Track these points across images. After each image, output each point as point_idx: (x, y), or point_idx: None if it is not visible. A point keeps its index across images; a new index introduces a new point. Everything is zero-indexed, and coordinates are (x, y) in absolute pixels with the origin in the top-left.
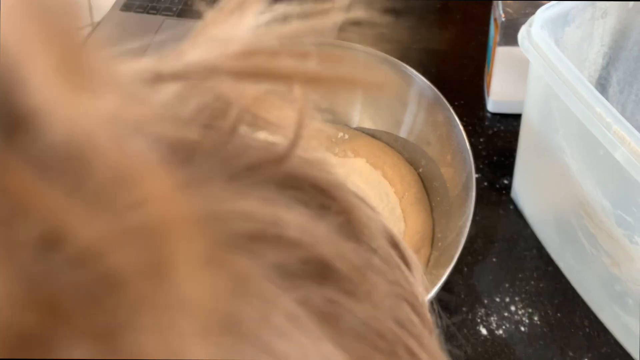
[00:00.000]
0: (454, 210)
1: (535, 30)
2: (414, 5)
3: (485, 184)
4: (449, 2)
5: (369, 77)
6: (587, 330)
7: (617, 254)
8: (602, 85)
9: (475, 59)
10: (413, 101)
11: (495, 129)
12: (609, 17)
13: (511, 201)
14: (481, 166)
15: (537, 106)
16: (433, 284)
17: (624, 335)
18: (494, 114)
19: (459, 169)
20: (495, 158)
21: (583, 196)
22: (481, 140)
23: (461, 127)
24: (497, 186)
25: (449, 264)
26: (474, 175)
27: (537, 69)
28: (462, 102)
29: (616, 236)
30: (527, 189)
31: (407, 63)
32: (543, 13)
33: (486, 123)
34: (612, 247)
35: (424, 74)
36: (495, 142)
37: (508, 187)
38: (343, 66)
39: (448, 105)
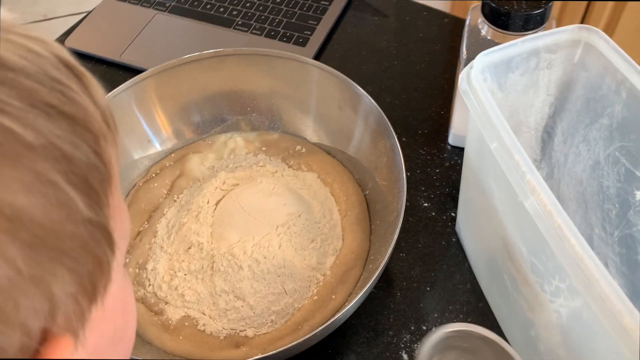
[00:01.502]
0: (387, 235)
1: (474, 73)
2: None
3: (433, 214)
4: (431, 31)
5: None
6: None
7: (531, 299)
8: (548, 133)
9: (446, 91)
10: (360, 123)
11: (452, 162)
12: (554, 68)
13: (455, 234)
14: (432, 196)
15: (474, 146)
16: (356, 304)
17: None
18: (454, 147)
19: (397, 196)
20: (447, 190)
21: (506, 238)
22: (437, 171)
23: (401, 157)
24: (444, 217)
25: (365, 286)
26: (404, 205)
27: (472, 109)
28: (425, 131)
29: (530, 282)
30: (466, 223)
31: (379, 87)
32: (484, 57)
33: (445, 155)
34: (528, 291)
35: (394, 98)
36: (451, 175)
37: (454, 220)
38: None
39: (393, 132)
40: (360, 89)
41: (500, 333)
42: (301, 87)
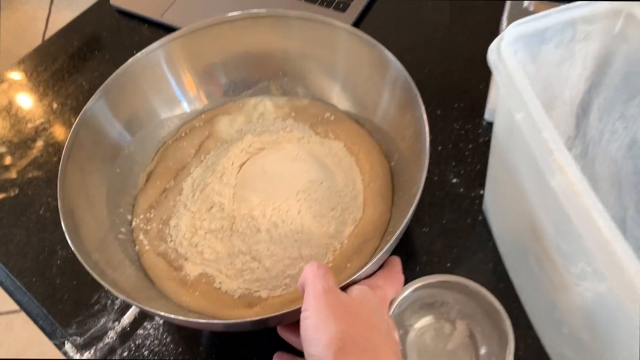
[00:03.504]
0: (407, 209)
1: (504, 45)
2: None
3: (462, 190)
4: (477, 2)
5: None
6: (520, 353)
7: (557, 281)
8: (584, 109)
9: (487, 64)
10: (388, 91)
11: (486, 138)
12: (592, 40)
13: (482, 212)
14: (462, 172)
15: (503, 122)
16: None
17: None
18: (490, 123)
19: (420, 169)
20: (478, 167)
21: (534, 219)
22: (470, 146)
23: (427, 128)
24: (473, 194)
25: (379, 254)
26: (423, 178)
27: (501, 83)
28: (462, 104)
29: (557, 263)
30: (494, 202)
31: (418, 57)
32: (516, 28)
33: (480, 130)
34: (554, 273)
35: (433, 69)
36: (484, 152)
37: (482, 198)
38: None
39: (420, 101)
40: (390, 54)
41: (524, 314)
42: (332, 52)
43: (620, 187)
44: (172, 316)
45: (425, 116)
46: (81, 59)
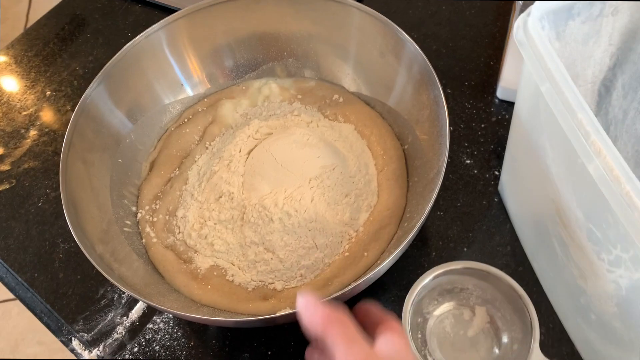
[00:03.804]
0: (426, 193)
1: (532, 21)
2: None
3: (476, 171)
4: None
5: None
6: (542, 337)
7: (585, 267)
8: (606, 87)
9: (497, 40)
10: (403, 72)
11: (499, 117)
12: (620, 14)
13: (497, 194)
14: (475, 152)
15: (527, 102)
16: (389, 263)
17: (584, 347)
18: (502, 101)
19: (438, 152)
20: (492, 147)
21: (560, 203)
22: (482, 126)
23: (445, 110)
24: (487, 175)
25: (401, 245)
26: (445, 162)
27: (529, 61)
28: (472, 82)
29: (586, 250)
30: (512, 184)
31: (425, 33)
32: (543, 3)
33: (492, 109)
34: (581, 259)
35: (440, 46)
36: (497, 131)
37: (497, 179)
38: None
39: (438, 83)
40: (404, 34)
41: (545, 299)
42: (341, 31)
43: None
44: (183, 314)
45: (443, 98)
46: (73, 43)
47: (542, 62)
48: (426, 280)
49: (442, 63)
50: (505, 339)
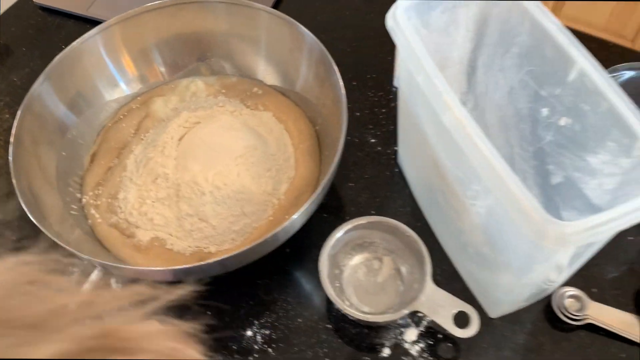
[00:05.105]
0: (332, 165)
1: (399, 12)
2: None
3: (379, 148)
4: None
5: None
6: (439, 278)
7: (458, 207)
8: (472, 67)
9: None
10: (306, 62)
11: (396, 102)
12: (471, 6)
13: (397, 165)
14: (378, 133)
15: (404, 79)
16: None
17: (469, 279)
18: (398, 89)
19: (340, 130)
20: (391, 127)
21: (435, 158)
22: (383, 111)
23: (343, 92)
24: (389, 151)
25: (310, 199)
26: (343, 138)
27: (398, 44)
28: (374, 75)
29: (456, 192)
30: (406, 154)
31: (332, 36)
32: None
33: (390, 96)
34: (456, 202)
35: (346, 46)
36: (395, 114)
37: (397, 153)
38: None
39: (335, 68)
40: (305, 29)
41: (439, 246)
42: (255, 32)
43: (507, 130)
44: (138, 268)
45: (341, 81)
46: (10, 57)
47: (407, 41)
48: (338, 234)
49: (348, 60)
50: (407, 280)
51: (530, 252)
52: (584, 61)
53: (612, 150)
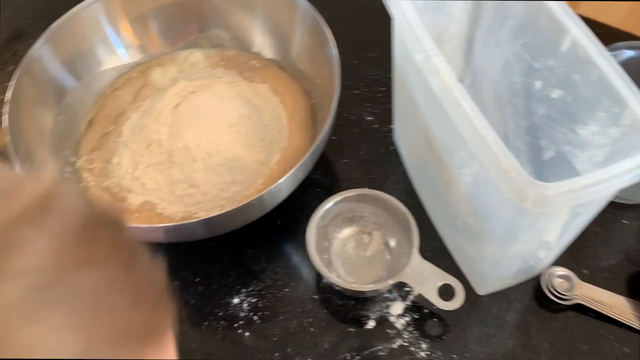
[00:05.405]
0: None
1: None
2: None
3: (376, 126)
4: None
5: None
6: (429, 254)
7: (447, 177)
8: (469, 42)
9: None
10: (305, 36)
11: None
12: None
13: (393, 143)
14: (375, 111)
15: (399, 51)
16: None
17: (458, 254)
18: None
19: (333, 101)
20: (388, 106)
21: (427, 130)
22: (382, 89)
23: (336, 53)
24: (385, 129)
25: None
26: (334, 112)
27: (394, 16)
28: (375, 54)
29: (445, 162)
30: (401, 130)
31: (336, 15)
32: None
33: (389, 75)
34: (446, 174)
35: (348, 25)
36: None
37: (393, 131)
38: None
39: (331, 41)
40: (303, 1)
41: (430, 223)
42: (256, 5)
43: (502, 106)
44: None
45: (336, 50)
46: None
47: (402, 12)
48: (328, 205)
49: (349, 39)
50: (395, 253)
51: (514, 218)
52: (577, 30)
53: (602, 121)
